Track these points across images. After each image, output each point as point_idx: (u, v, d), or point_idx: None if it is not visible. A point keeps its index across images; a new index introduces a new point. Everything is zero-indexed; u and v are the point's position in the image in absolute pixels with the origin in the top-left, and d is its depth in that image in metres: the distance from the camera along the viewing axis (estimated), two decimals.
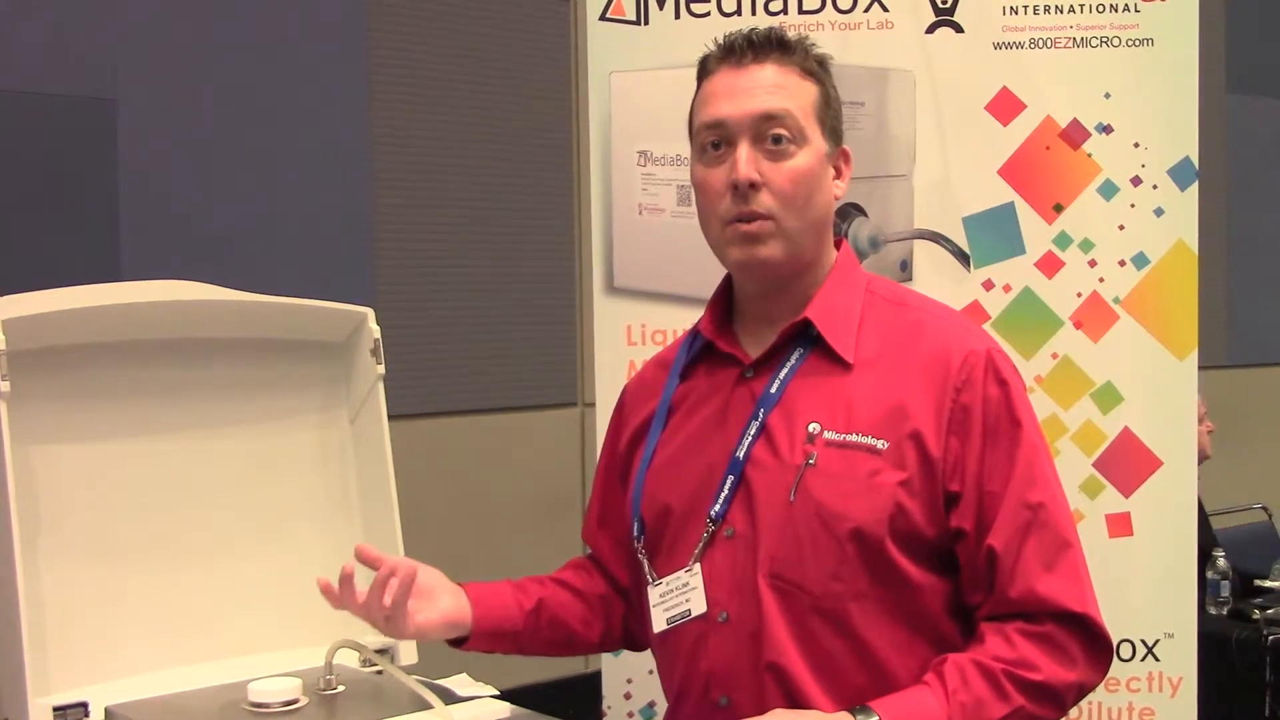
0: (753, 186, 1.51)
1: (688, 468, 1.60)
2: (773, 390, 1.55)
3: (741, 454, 1.54)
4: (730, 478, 1.55)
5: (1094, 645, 1.50)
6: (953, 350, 1.53)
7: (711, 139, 1.55)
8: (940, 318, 1.60)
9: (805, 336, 1.57)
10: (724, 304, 1.66)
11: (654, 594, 1.60)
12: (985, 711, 1.44)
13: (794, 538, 1.51)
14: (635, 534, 1.64)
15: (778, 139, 1.52)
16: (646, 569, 1.62)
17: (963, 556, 1.52)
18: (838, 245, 1.64)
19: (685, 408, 1.65)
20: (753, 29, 1.57)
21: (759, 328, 1.61)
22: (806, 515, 1.50)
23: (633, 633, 1.80)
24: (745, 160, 1.51)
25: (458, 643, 1.69)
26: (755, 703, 1.49)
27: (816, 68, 1.58)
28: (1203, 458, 4.37)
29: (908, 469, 1.49)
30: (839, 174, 1.60)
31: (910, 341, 1.55)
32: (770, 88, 1.53)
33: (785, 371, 1.56)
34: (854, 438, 1.50)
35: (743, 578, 1.53)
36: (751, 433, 1.55)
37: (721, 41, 1.58)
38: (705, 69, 1.60)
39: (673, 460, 1.63)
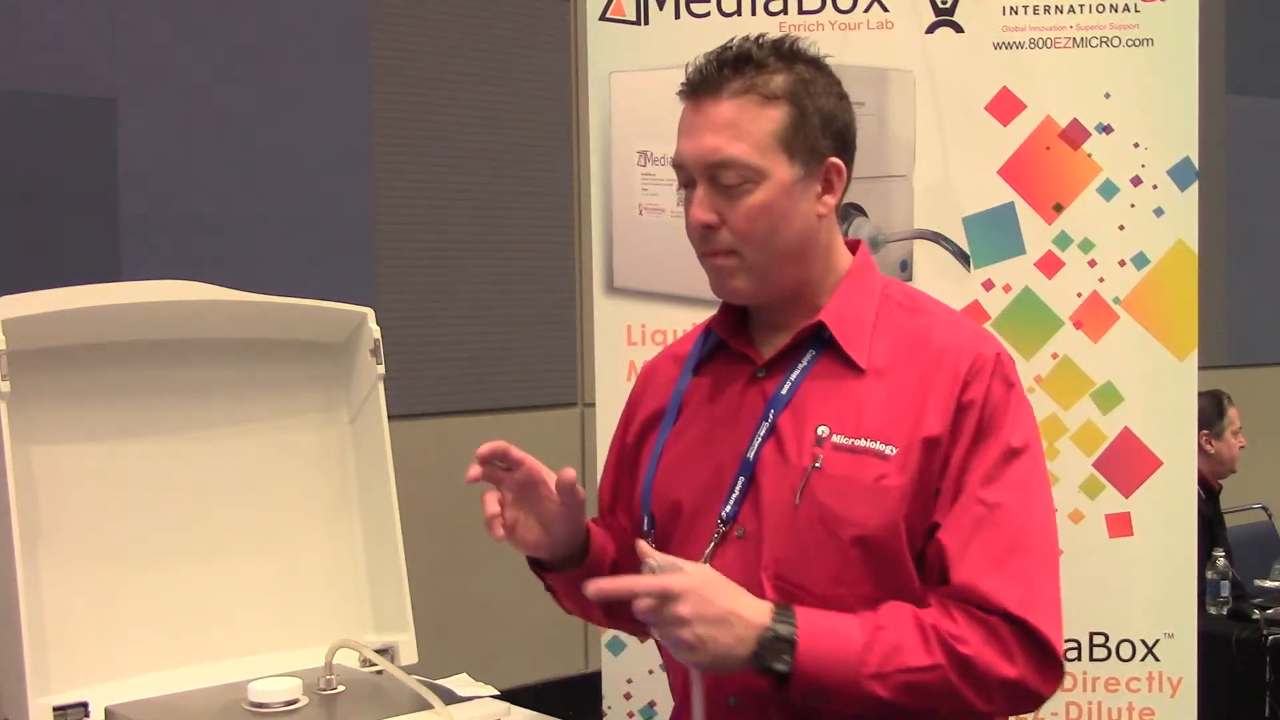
0: (709, 227, 1.52)
1: (698, 466, 1.60)
2: (784, 391, 1.55)
3: (752, 455, 1.54)
4: (741, 479, 1.54)
5: (1038, 652, 1.45)
6: (963, 351, 1.52)
7: (681, 178, 1.57)
8: (952, 323, 1.60)
9: (818, 339, 1.56)
10: None
11: None
12: (903, 656, 1.41)
13: (798, 540, 1.50)
14: (645, 529, 1.64)
15: (731, 181, 1.51)
16: None
17: (928, 550, 1.49)
18: (854, 248, 1.63)
19: (696, 404, 1.64)
20: (719, 50, 1.54)
21: (771, 330, 1.61)
22: (810, 518, 1.49)
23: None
24: (699, 204, 1.52)
25: (542, 566, 1.65)
26: (763, 702, 1.48)
27: (789, 85, 1.52)
28: (1229, 471, 4.37)
29: (915, 474, 1.48)
30: (829, 188, 1.55)
31: (923, 347, 1.54)
32: (720, 129, 1.51)
33: (797, 373, 1.56)
34: (862, 442, 1.50)
35: (750, 578, 1.52)
36: (761, 433, 1.54)
37: (691, 68, 1.55)
38: (680, 96, 1.58)
39: (683, 458, 1.62)
